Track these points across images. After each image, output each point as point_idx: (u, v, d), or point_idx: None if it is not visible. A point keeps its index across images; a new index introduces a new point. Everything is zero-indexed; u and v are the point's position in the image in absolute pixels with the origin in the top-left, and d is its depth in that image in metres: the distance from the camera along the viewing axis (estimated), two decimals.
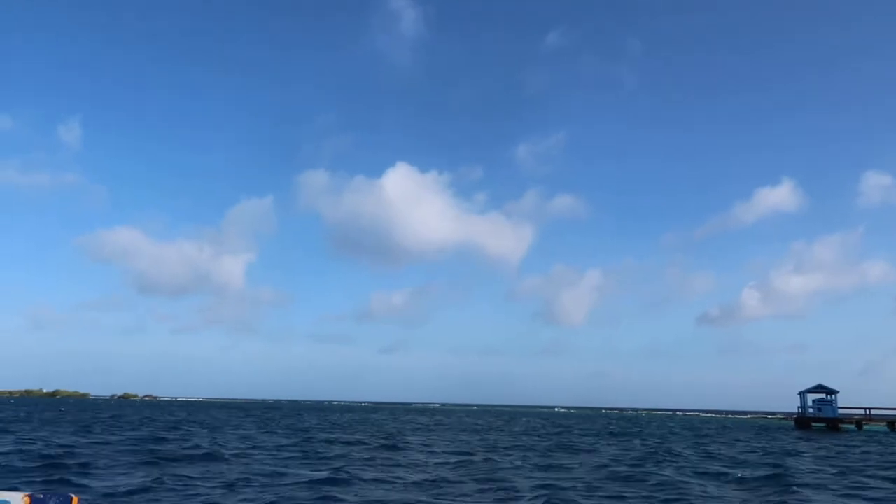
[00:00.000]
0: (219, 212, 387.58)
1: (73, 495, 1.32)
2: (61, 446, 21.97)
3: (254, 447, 24.29)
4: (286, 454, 21.79)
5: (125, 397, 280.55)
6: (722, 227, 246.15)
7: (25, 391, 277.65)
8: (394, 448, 25.75)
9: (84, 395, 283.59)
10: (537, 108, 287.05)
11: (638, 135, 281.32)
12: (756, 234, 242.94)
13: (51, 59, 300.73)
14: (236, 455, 20.75)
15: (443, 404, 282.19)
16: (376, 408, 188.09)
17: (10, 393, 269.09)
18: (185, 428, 36.79)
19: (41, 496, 1.26)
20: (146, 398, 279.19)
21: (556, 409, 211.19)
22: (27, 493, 1.25)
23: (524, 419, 79.70)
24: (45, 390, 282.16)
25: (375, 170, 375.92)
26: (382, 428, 44.20)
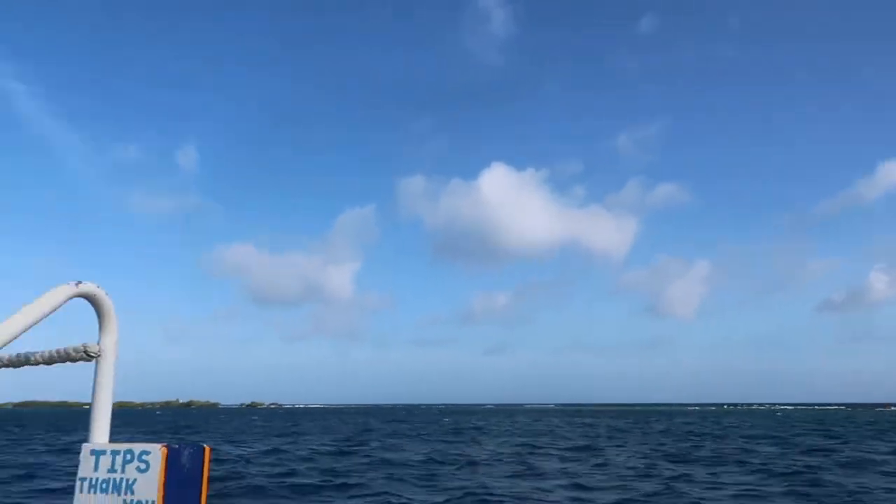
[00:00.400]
0: (325, 223, 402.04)
1: (205, 445, 1.61)
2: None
3: (493, 460, 26.14)
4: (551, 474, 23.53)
5: (252, 405, 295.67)
6: (842, 207, 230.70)
7: (165, 402, 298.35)
8: (591, 450, 26.24)
9: (214, 405, 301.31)
10: (636, 95, 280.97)
11: (744, 116, 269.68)
12: (881, 211, 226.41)
13: (167, 92, 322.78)
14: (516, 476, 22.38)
15: (558, 405, 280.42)
16: (495, 410, 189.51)
17: (152, 404, 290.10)
18: (391, 440, 39.60)
19: (176, 446, 1.54)
20: (272, 406, 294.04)
21: (690, 407, 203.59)
22: (164, 444, 1.55)
23: (676, 420, 78.41)
24: (180, 400, 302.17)
25: (471, 171, 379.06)
26: (555, 432, 44.81)
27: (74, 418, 78.37)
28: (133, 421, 70.99)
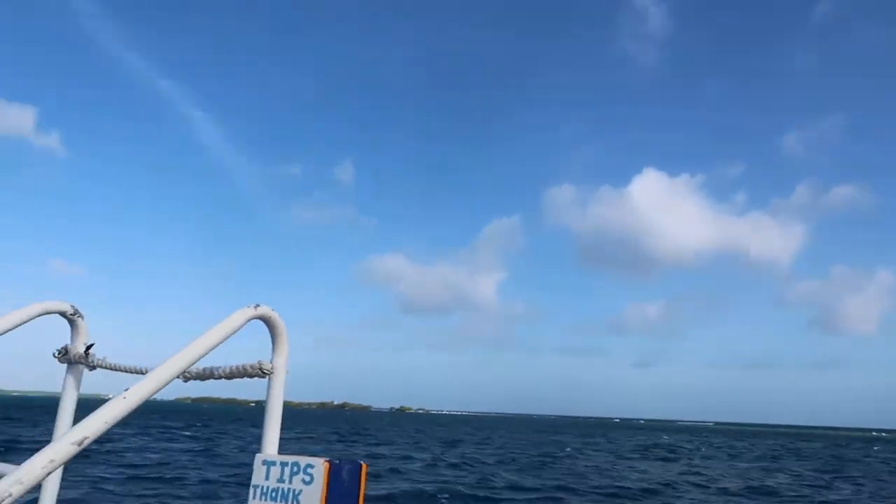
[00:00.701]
0: (472, 234, 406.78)
1: (362, 462, 1.59)
2: None
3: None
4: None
5: (402, 410, 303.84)
6: None
7: (320, 403, 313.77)
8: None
9: (366, 408, 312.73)
10: (807, 90, 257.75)
11: None
12: None
13: (326, 113, 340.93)
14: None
15: (717, 423, 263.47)
16: (646, 425, 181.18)
17: (308, 405, 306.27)
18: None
19: (337, 462, 1.54)
20: (419, 411, 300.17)
21: (876, 433, 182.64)
22: (326, 459, 1.54)
23: (875, 447, 70.76)
24: (335, 402, 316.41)
25: (622, 178, 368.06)
26: (783, 456, 41.31)
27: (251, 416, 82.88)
28: (318, 421, 73.11)
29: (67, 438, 1.22)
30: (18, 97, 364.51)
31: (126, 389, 1.36)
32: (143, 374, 1.62)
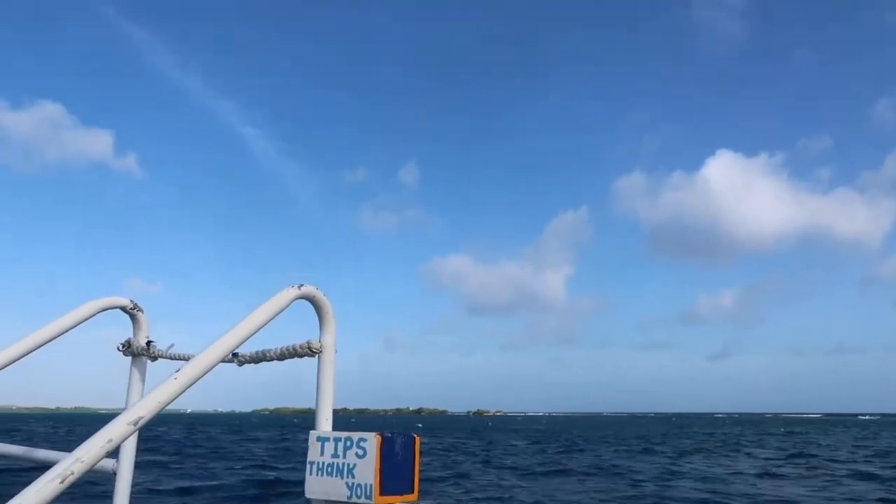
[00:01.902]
0: (537, 229, 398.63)
1: (415, 435, 1.58)
2: None
3: None
4: None
5: (479, 413, 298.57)
6: None
7: (396, 409, 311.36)
8: None
9: (443, 412, 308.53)
10: None
11: None
12: None
13: (391, 114, 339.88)
14: None
15: (827, 414, 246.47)
16: (740, 419, 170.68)
17: (384, 411, 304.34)
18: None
19: (389, 435, 1.56)
20: (497, 413, 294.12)
21: None
22: (378, 433, 1.55)
23: None
24: (410, 408, 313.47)
25: (694, 162, 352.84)
26: None
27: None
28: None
29: (124, 419, 1.29)
30: (97, 122, 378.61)
31: (177, 371, 1.41)
32: None
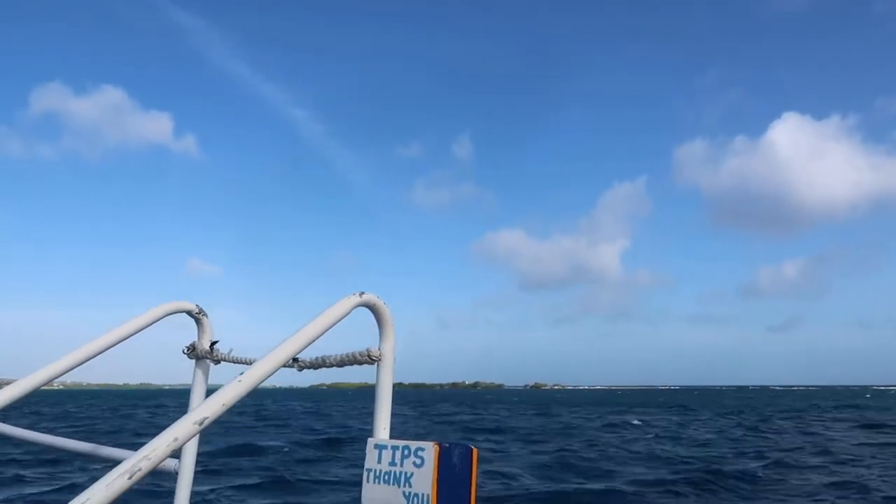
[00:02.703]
0: (591, 201, 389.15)
1: (472, 447, 1.55)
2: None
3: None
4: None
5: (536, 387, 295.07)
6: None
7: (452, 383, 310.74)
8: None
9: (499, 386, 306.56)
10: None
11: None
12: None
13: (444, 88, 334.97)
14: None
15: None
16: (806, 392, 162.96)
17: (440, 385, 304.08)
18: None
19: (447, 445, 1.55)
20: (555, 387, 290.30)
21: None
22: (436, 442, 1.56)
23: None
24: (467, 382, 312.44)
25: (758, 127, 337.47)
26: None
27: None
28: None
29: (189, 419, 1.35)
30: (156, 105, 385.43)
31: (241, 373, 1.47)
32: None
